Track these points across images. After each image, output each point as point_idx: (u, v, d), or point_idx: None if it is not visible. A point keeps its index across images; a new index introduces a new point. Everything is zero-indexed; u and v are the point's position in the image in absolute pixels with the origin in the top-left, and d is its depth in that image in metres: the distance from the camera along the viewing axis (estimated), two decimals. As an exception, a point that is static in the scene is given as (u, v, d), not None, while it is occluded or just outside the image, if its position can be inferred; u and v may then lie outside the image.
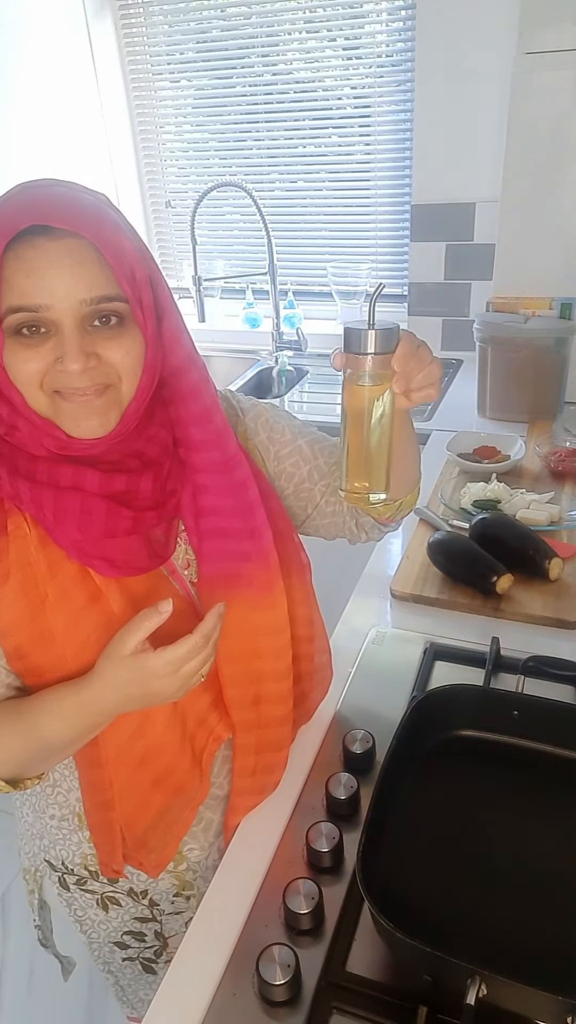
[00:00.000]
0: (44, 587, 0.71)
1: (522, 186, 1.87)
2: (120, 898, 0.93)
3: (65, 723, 0.71)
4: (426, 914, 0.72)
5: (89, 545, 0.71)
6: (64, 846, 0.91)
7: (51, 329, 0.65)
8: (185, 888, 0.92)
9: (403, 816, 0.82)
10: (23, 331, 0.65)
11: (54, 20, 2.25)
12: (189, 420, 0.76)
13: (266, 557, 0.80)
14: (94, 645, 0.72)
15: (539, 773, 0.88)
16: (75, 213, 0.64)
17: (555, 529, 1.36)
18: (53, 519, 0.70)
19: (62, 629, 0.72)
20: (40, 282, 0.63)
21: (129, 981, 1.02)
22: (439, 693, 0.91)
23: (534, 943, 0.70)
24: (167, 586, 0.78)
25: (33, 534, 0.71)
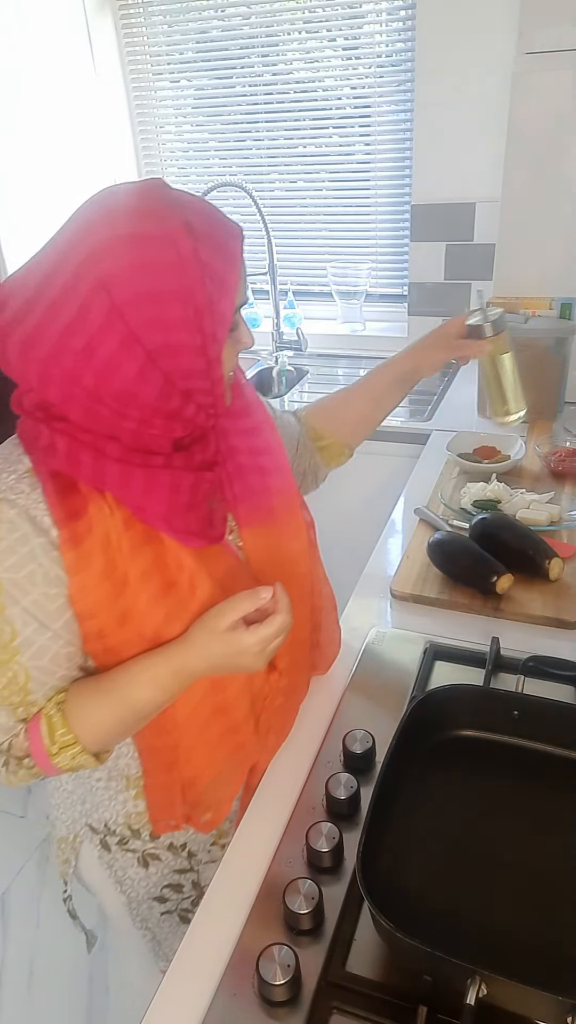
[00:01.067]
0: (125, 568, 0.74)
1: (522, 186, 1.87)
2: (160, 853, 0.98)
3: (157, 690, 0.76)
4: (426, 914, 0.72)
5: (176, 518, 0.76)
6: (108, 807, 0.94)
7: (237, 321, 0.75)
8: (221, 837, 0.99)
9: (403, 816, 0.82)
10: (231, 328, 0.73)
11: (54, 20, 2.25)
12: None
13: (287, 487, 0.91)
14: (173, 622, 0.77)
15: (539, 773, 0.88)
16: None
17: (555, 529, 1.36)
18: (143, 494, 0.74)
19: (142, 608, 0.76)
20: (245, 280, 0.75)
21: (166, 934, 1.05)
22: (439, 693, 0.91)
23: (534, 943, 0.70)
24: (228, 553, 0.84)
25: (116, 516, 0.74)
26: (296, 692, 0.99)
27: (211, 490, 0.80)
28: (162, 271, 0.66)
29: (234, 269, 0.71)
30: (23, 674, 0.74)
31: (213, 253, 0.68)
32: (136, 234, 0.66)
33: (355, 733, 0.93)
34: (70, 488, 0.72)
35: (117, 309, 0.66)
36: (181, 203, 0.69)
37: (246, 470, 0.86)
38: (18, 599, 0.72)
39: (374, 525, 1.51)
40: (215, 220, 0.70)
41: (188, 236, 0.67)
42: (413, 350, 1.12)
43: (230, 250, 0.70)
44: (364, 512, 1.96)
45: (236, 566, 0.84)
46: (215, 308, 0.69)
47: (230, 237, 0.71)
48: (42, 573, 0.72)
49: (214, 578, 0.79)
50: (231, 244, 0.71)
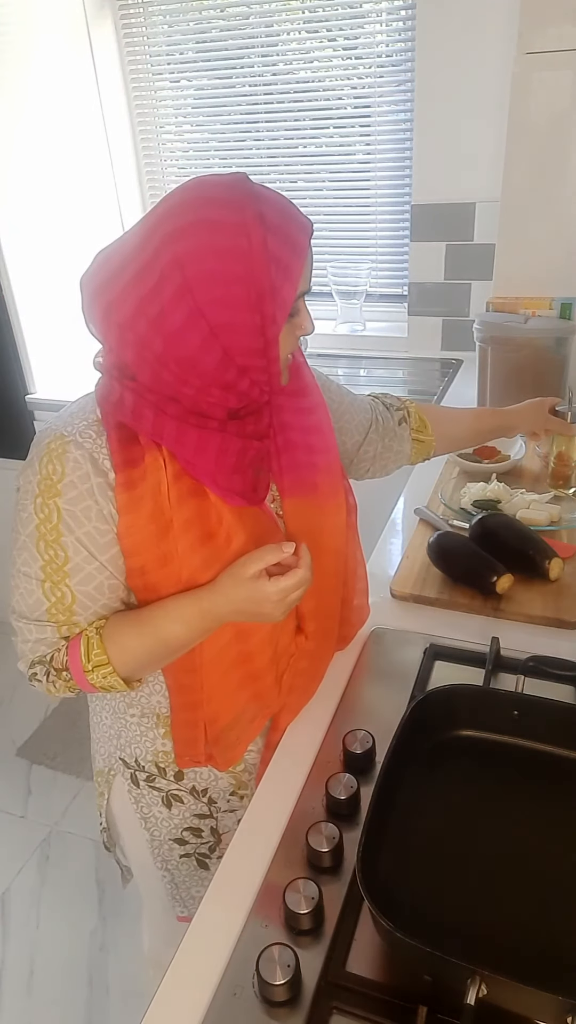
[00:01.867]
0: (170, 514, 0.82)
1: (522, 186, 1.87)
2: (183, 795, 1.04)
3: (185, 626, 0.84)
4: (426, 914, 0.72)
5: (222, 477, 0.84)
6: (140, 743, 1.01)
7: (298, 307, 0.82)
8: (240, 787, 1.04)
9: (403, 816, 0.82)
10: (291, 313, 0.80)
11: (54, 20, 2.25)
12: None
13: (333, 466, 0.98)
14: (207, 570, 0.85)
15: (539, 773, 0.88)
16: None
17: (555, 529, 1.36)
18: (194, 453, 0.82)
19: (182, 552, 0.83)
20: (310, 270, 0.82)
21: (184, 878, 1.11)
22: (439, 693, 0.91)
23: (534, 943, 0.70)
24: (266, 515, 0.90)
25: (169, 468, 0.82)
26: (321, 658, 1.04)
27: (258, 458, 0.87)
28: (232, 255, 0.73)
29: (299, 260, 0.77)
30: (70, 596, 0.84)
31: (281, 243, 0.75)
32: (213, 220, 0.74)
33: (355, 733, 0.93)
34: (131, 439, 0.81)
35: (188, 285, 0.73)
36: (258, 196, 0.76)
37: (295, 446, 0.93)
38: (73, 529, 0.81)
39: (374, 525, 1.51)
40: (288, 214, 0.77)
41: (260, 226, 0.74)
42: (519, 411, 1.33)
43: (297, 242, 0.77)
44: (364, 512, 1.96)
45: (271, 528, 0.91)
46: (277, 293, 0.76)
47: (300, 230, 0.78)
48: (97, 509, 0.81)
49: (249, 534, 0.86)
50: (299, 237, 0.77)
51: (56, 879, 1.95)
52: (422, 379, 2.29)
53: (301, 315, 0.84)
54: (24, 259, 2.23)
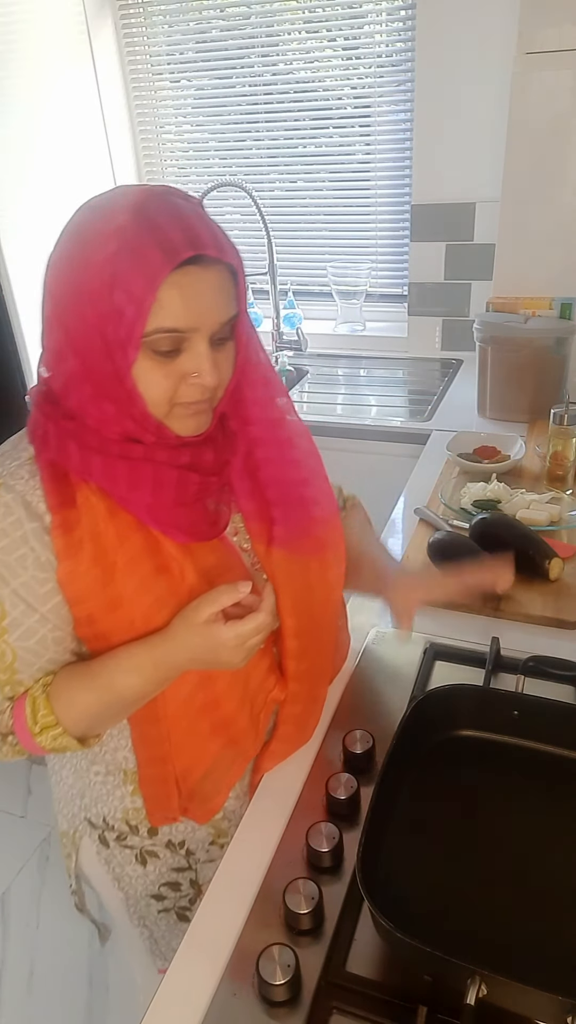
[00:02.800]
0: (114, 555, 0.76)
1: (522, 186, 1.87)
2: (158, 851, 0.97)
3: (140, 678, 0.77)
4: (426, 914, 0.72)
5: (162, 512, 0.77)
6: (107, 802, 0.94)
7: (183, 345, 0.70)
8: (220, 836, 0.97)
9: (403, 816, 0.82)
10: (161, 347, 0.69)
11: (54, 21, 2.25)
12: (252, 401, 0.83)
13: (331, 519, 0.90)
14: (161, 610, 0.78)
15: (539, 773, 0.88)
16: (219, 240, 0.70)
17: (555, 529, 1.36)
18: (127, 487, 0.75)
19: (131, 595, 0.77)
20: (192, 308, 0.68)
21: (163, 932, 1.05)
22: (439, 693, 0.91)
23: (534, 943, 0.70)
24: (224, 550, 0.84)
25: (101, 506, 0.75)
26: (314, 701, 0.97)
27: (204, 492, 0.79)
28: (80, 264, 0.68)
29: (149, 289, 0.66)
30: (10, 653, 0.76)
31: (133, 264, 0.65)
32: (78, 224, 0.70)
33: (355, 733, 0.93)
34: (63, 477, 0.75)
35: (50, 290, 0.71)
36: (142, 208, 0.67)
37: (290, 501, 0.86)
38: (8, 580, 0.74)
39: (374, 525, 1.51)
40: (161, 235, 0.66)
41: (115, 239, 0.66)
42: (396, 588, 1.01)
43: (152, 268, 0.65)
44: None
45: (230, 563, 0.84)
46: (121, 320, 0.67)
47: (165, 258, 0.65)
48: (33, 557, 0.74)
49: (200, 571, 0.80)
50: (158, 265, 0.65)
51: (56, 879, 1.94)
52: (422, 379, 2.29)
53: (188, 357, 0.71)
54: (24, 259, 2.23)
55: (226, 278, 0.71)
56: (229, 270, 0.71)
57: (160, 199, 0.69)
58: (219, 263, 0.69)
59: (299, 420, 0.89)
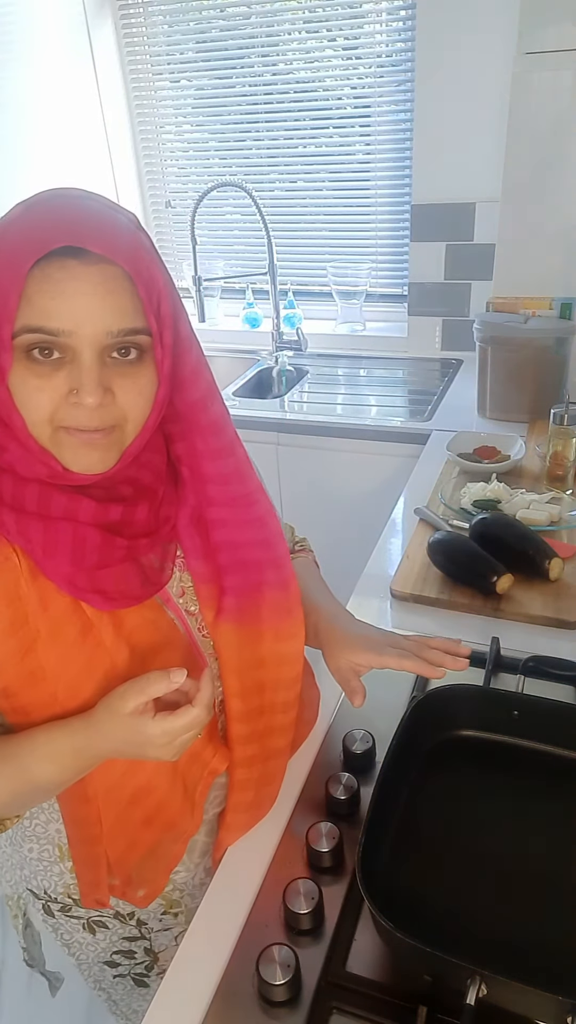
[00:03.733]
0: (35, 623, 0.68)
1: (522, 186, 1.87)
2: (107, 921, 0.91)
3: (56, 766, 0.68)
4: (426, 914, 0.72)
5: (81, 578, 0.67)
6: (45, 876, 0.88)
7: (66, 355, 0.62)
8: (173, 907, 0.90)
9: (403, 816, 0.82)
10: (35, 353, 0.61)
11: (54, 20, 2.25)
12: (206, 454, 0.73)
13: (288, 584, 0.79)
14: (86, 681, 0.70)
15: (539, 773, 0.88)
16: (112, 237, 0.61)
17: (555, 529, 1.36)
18: (43, 552, 0.66)
19: (53, 666, 0.69)
20: (66, 306, 0.59)
21: (121, 996, 1.01)
22: (439, 693, 0.91)
23: (534, 943, 0.70)
24: (161, 616, 0.75)
25: (24, 565, 0.67)
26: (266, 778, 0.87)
27: (133, 555, 0.70)
28: None
29: (13, 285, 0.58)
30: None
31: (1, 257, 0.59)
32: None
33: (355, 733, 0.93)
34: None
35: None
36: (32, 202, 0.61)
37: (236, 567, 0.77)
38: None
39: (374, 525, 1.51)
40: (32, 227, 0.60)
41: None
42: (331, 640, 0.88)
43: (15, 263, 0.58)
44: (364, 512, 1.96)
45: (160, 628, 0.75)
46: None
47: (27, 250, 0.58)
48: None
49: (125, 638, 0.71)
50: (20, 259, 0.58)
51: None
52: (422, 379, 2.29)
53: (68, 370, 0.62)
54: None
55: (119, 282, 0.61)
56: (124, 274, 0.61)
57: (57, 195, 0.62)
58: (107, 262, 0.60)
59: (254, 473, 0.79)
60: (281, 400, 2.23)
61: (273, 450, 2.05)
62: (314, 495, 2.07)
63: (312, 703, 0.96)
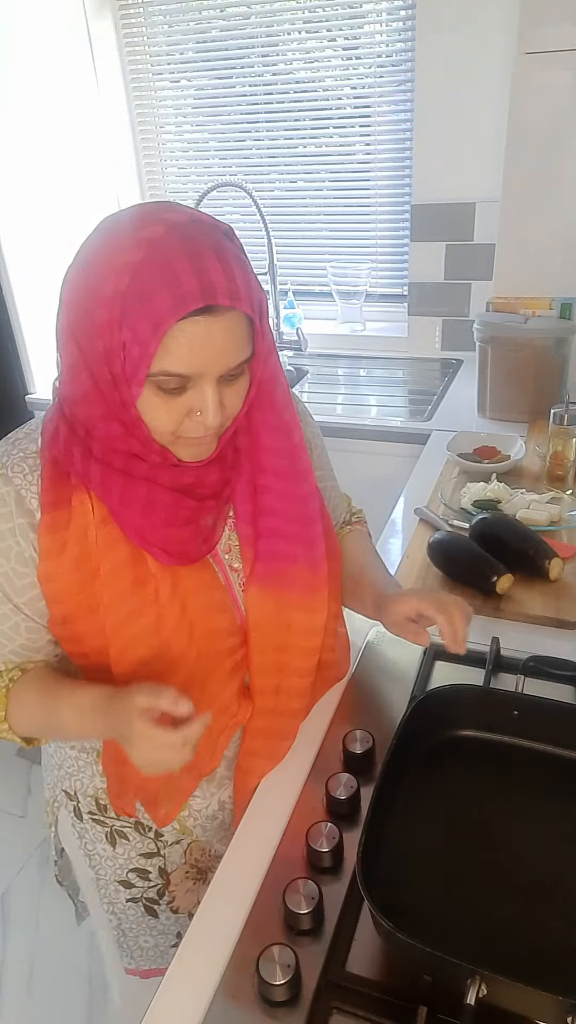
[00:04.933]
0: (97, 561, 0.77)
1: (522, 186, 1.87)
2: (128, 832, 0.98)
3: (76, 717, 0.78)
4: (426, 914, 0.72)
5: (150, 532, 0.77)
6: (79, 777, 0.97)
7: (190, 385, 0.70)
8: (185, 833, 0.98)
9: (403, 816, 0.82)
10: (163, 386, 0.69)
11: (54, 20, 2.25)
12: (264, 427, 0.82)
13: (317, 564, 0.87)
14: (133, 621, 0.79)
15: (539, 773, 0.88)
16: (237, 287, 0.67)
17: (555, 529, 1.36)
18: (119, 503, 0.75)
19: (107, 602, 0.77)
20: (201, 356, 0.68)
21: (131, 924, 1.05)
22: (440, 693, 0.91)
23: (534, 943, 0.70)
24: (213, 576, 0.84)
25: (96, 512, 0.76)
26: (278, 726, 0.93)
27: (199, 515, 0.80)
28: (93, 293, 0.67)
29: (153, 334, 0.65)
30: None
31: (139, 307, 0.65)
32: (94, 249, 0.68)
33: (355, 733, 0.93)
34: (63, 477, 0.76)
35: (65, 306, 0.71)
36: (158, 245, 0.65)
37: (272, 533, 0.84)
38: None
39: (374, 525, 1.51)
40: (174, 280, 0.64)
41: (125, 274, 0.65)
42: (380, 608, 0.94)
43: (159, 315, 0.65)
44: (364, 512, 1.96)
45: (210, 585, 0.83)
46: (129, 356, 0.67)
47: (174, 305, 0.64)
48: (17, 551, 0.76)
49: (177, 592, 0.80)
50: (164, 312, 0.64)
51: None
52: (422, 379, 2.29)
53: (193, 395, 0.71)
54: (23, 259, 2.23)
55: (239, 324, 0.69)
56: (244, 316, 0.69)
57: (180, 234, 0.66)
58: (233, 311, 0.68)
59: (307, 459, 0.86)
60: (281, 400, 2.23)
61: (273, 450, 2.05)
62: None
63: (339, 660, 1.02)
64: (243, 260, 0.70)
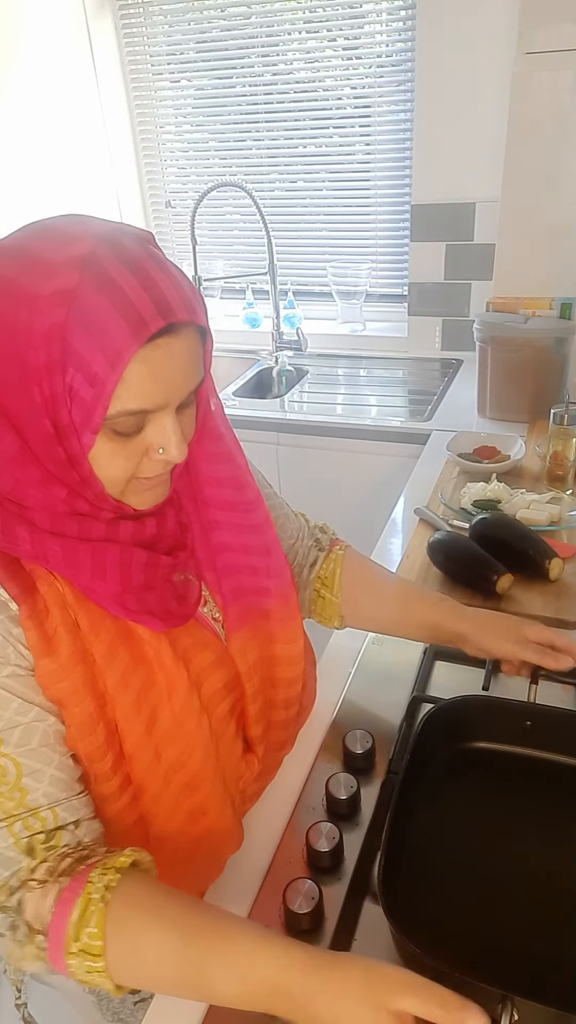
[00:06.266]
0: (90, 646, 0.66)
1: (522, 186, 1.87)
2: None
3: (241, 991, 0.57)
4: (446, 932, 0.70)
5: (131, 600, 0.67)
6: None
7: (147, 421, 0.61)
8: None
9: (419, 832, 0.80)
10: (122, 431, 0.60)
11: (54, 20, 2.25)
12: (202, 456, 0.74)
13: (288, 593, 0.83)
14: (138, 710, 0.69)
15: (555, 784, 0.86)
16: (188, 297, 0.59)
17: (555, 529, 1.36)
18: (91, 575, 0.65)
19: (112, 692, 0.67)
20: (165, 385, 0.59)
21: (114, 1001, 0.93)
22: (451, 704, 0.89)
23: (557, 960, 0.69)
24: (204, 631, 0.76)
25: (67, 591, 0.65)
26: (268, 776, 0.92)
27: (172, 571, 0.71)
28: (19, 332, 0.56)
29: (112, 369, 0.55)
30: (13, 767, 0.61)
31: (90, 338, 0.55)
32: (14, 275, 0.57)
33: (355, 733, 0.93)
34: (13, 563, 0.64)
35: None
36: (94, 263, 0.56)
37: (236, 569, 0.78)
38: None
39: (374, 525, 1.51)
40: (126, 303, 0.55)
41: (61, 305, 0.55)
42: (483, 624, 0.90)
43: (117, 345, 0.55)
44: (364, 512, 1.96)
45: (204, 640, 0.75)
46: (75, 399, 0.57)
47: (133, 332, 0.55)
48: (12, 649, 0.63)
49: (178, 654, 0.71)
50: (125, 340, 0.55)
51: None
52: (422, 379, 2.29)
53: (152, 432, 0.61)
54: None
55: (196, 340, 0.61)
56: (199, 331, 0.61)
57: (111, 247, 0.57)
58: (190, 326, 0.60)
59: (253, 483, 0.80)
60: (281, 400, 2.23)
61: (273, 450, 2.05)
62: (314, 495, 2.07)
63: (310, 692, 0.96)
64: (178, 267, 0.63)
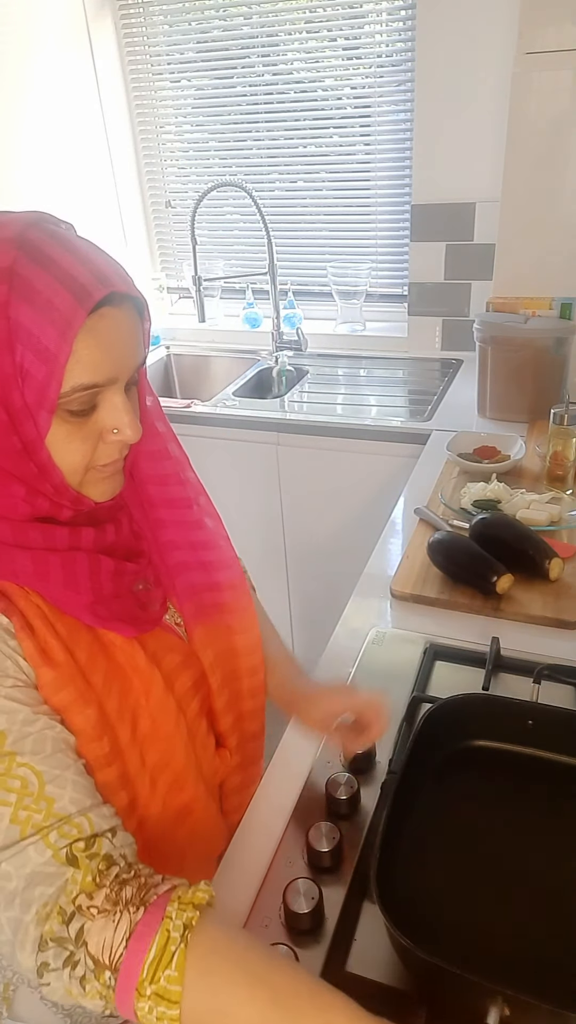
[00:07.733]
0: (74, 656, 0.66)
1: (522, 186, 1.87)
2: None
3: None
4: (441, 929, 0.71)
5: (102, 607, 0.67)
6: None
7: (98, 401, 0.61)
8: None
9: (417, 828, 0.80)
10: (75, 408, 0.59)
11: (54, 20, 2.25)
12: (141, 455, 0.73)
13: (239, 583, 0.85)
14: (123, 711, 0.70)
15: (556, 784, 0.86)
16: (121, 271, 0.60)
17: (555, 529, 1.36)
18: (63, 585, 0.64)
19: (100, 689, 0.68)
20: (114, 355, 0.59)
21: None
22: (451, 703, 0.89)
23: (553, 958, 0.69)
24: (167, 633, 0.77)
25: (41, 604, 0.65)
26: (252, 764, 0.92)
27: (134, 580, 0.72)
28: None
29: (64, 339, 0.55)
30: (34, 777, 0.58)
31: (36, 313, 0.55)
32: None
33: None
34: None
35: None
36: (28, 242, 0.56)
37: (188, 567, 0.78)
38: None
39: (374, 525, 1.51)
40: (67, 276, 0.56)
41: (1, 283, 0.55)
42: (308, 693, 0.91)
43: (65, 316, 0.55)
44: (364, 512, 1.96)
45: (169, 643, 0.76)
46: (28, 380, 0.56)
47: (77, 301, 0.55)
48: (11, 663, 0.62)
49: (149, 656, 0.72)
50: (71, 310, 0.55)
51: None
52: (422, 379, 2.29)
53: (105, 412, 0.61)
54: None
55: (135, 315, 0.61)
56: (136, 305, 0.61)
57: (39, 230, 0.58)
58: (128, 299, 0.60)
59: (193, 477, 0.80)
60: (281, 400, 2.23)
61: (273, 450, 2.05)
62: (314, 495, 2.07)
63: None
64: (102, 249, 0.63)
